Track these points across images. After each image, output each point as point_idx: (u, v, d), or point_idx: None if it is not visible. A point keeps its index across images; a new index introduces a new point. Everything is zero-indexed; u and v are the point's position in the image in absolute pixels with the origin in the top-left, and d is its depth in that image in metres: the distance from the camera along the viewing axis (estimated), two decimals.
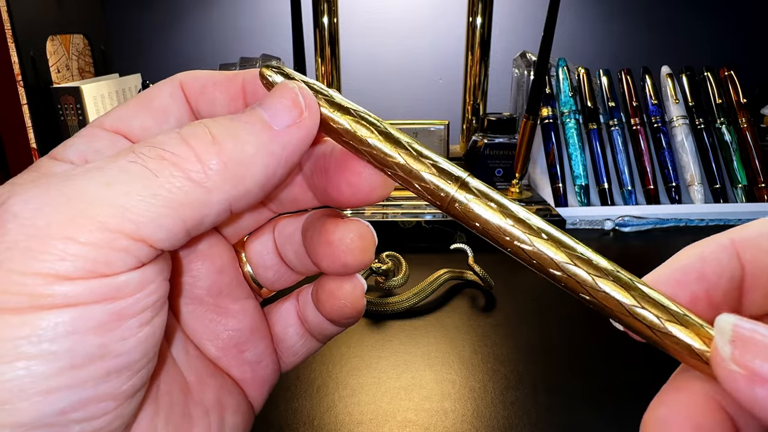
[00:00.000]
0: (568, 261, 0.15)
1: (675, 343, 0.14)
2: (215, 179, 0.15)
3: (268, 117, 0.16)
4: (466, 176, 0.16)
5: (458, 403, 0.33)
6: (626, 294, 0.15)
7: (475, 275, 0.46)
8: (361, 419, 0.32)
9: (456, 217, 0.16)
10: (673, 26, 0.93)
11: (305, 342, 0.22)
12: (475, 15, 0.70)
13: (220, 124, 0.15)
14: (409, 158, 0.17)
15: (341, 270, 0.19)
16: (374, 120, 0.17)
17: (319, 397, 0.34)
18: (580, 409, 0.33)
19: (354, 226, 0.19)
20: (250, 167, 0.15)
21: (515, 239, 0.16)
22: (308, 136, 0.16)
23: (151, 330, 0.15)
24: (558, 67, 0.70)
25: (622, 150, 0.68)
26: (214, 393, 0.20)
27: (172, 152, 0.15)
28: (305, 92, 0.16)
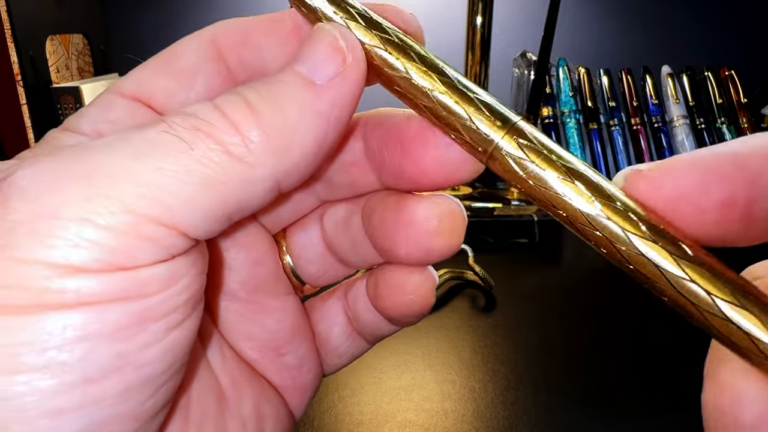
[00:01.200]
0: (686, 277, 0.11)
1: (732, 334, 0.11)
2: (258, 152, 0.12)
3: (307, 70, 0.13)
4: (518, 120, 0.13)
5: (458, 403, 0.33)
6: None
7: (475, 275, 0.46)
8: (361, 419, 0.32)
9: (503, 174, 0.14)
10: (673, 26, 0.93)
11: (352, 343, 0.19)
12: (475, 14, 0.70)
13: (254, 88, 0.13)
14: (442, 86, 0.14)
15: (423, 257, 0.16)
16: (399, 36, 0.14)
17: (319, 397, 0.34)
18: (580, 409, 0.33)
19: (443, 202, 0.16)
20: (297, 135, 0.13)
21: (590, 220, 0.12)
22: (357, 86, 0.14)
23: (180, 335, 0.13)
24: (558, 67, 0.70)
25: (622, 150, 0.68)
26: (252, 401, 0.17)
27: (207, 121, 0.12)
28: (343, 32, 0.14)
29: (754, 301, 0.11)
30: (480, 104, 0.14)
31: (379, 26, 0.14)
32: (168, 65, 0.15)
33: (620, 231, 0.12)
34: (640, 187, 0.12)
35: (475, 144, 0.14)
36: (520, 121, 0.13)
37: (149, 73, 0.15)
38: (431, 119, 0.14)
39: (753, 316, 0.11)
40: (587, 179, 0.12)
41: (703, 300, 0.11)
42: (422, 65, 0.14)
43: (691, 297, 0.11)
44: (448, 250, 0.16)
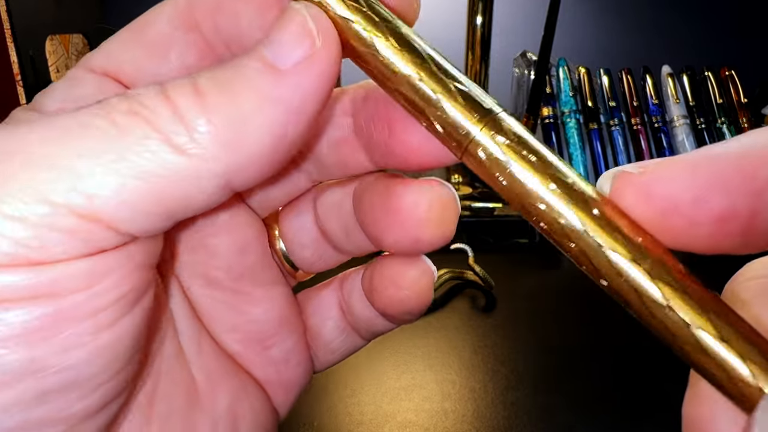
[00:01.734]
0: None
1: (717, 367, 0.10)
2: (204, 144, 0.11)
3: (271, 54, 0.12)
4: (499, 111, 0.12)
5: (458, 403, 0.33)
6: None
7: (475, 275, 0.46)
8: (361, 420, 0.32)
9: (479, 172, 0.12)
10: (673, 26, 0.93)
11: (346, 338, 0.18)
12: (475, 14, 0.70)
13: (210, 72, 0.12)
14: (419, 71, 0.12)
15: (410, 247, 0.15)
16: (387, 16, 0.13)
17: (319, 397, 0.34)
18: (580, 409, 0.33)
19: (432, 187, 0.14)
20: (251, 126, 0.11)
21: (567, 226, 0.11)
22: (326, 73, 0.12)
23: (117, 334, 0.11)
24: (558, 67, 0.70)
25: (622, 150, 0.67)
26: (228, 399, 0.16)
27: (147, 106, 0.11)
28: (316, 13, 0.12)
29: (734, 332, 0.10)
30: (457, 92, 0.12)
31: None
32: (139, 35, 0.14)
33: (599, 247, 0.11)
34: (627, 195, 0.10)
35: (449, 136, 0.12)
36: (502, 113, 0.12)
37: (118, 46, 0.14)
38: (402, 104, 0.13)
39: (732, 350, 0.10)
40: (571, 186, 0.11)
41: (681, 329, 0.10)
42: (395, 42, 0.12)
43: (669, 324, 0.10)
44: (438, 239, 0.15)
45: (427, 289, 0.16)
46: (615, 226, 0.11)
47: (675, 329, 0.10)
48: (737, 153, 0.10)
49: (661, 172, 0.10)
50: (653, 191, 0.10)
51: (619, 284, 0.10)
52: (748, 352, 0.10)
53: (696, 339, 0.10)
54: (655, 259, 0.10)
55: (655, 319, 0.10)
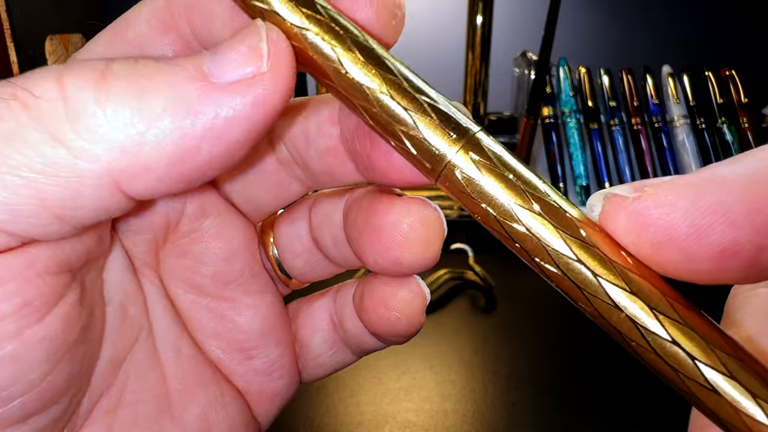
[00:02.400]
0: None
1: (721, 405, 0.09)
2: (90, 139, 0.10)
3: (210, 63, 0.11)
4: (477, 130, 0.11)
5: (459, 403, 0.33)
6: None
7: (476, 275, 0.46)
8: (361, 420, 0.32)
9: (451, 193, 0.11)
10: (674, 26, 0.93)
11: (335, 353, 0.17)
12: (476, 14, 0.69)
13: (135, 59, 0.11)
14: (387, 87, 0.11)
15: (391, 268, 0.14)
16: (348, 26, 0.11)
17: (319, 397, 0.34)
18: (580, 409, 0.33)
19: (415, 207, 0.14)
20: (154, 130, 0.10)
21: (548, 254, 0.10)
22: (265, 101, 0.11)
23: (25, 344, 0.11)
24: (559, 67, 0.70)
25: (623, 150, 0.67)
26: (200, 407, 0.16)
27: (30, 89, 0.10)
28: (276, 37, 0.11)
29: (742, 366, 0.09)
30: (429, 109, 0.11)
31: (311, 3, 0.12)
32: (120, 36, 0.14)
33: (594, 279, 0.10)
34: (618, 222, 0.10)
35: (422, 158, 0.11)
36: (479, 132, 0.11)
37: (101, 46, 0.14)
38: (369, 124, 0.12)
39: (741, 386, 0.09)
40: (559, 213, 0.10)
41: (686, 366, 0.09)
42: (359, 55, 0.11)
43: (671, 361, 0.09)
44: (420, 262, 0.14)
45: (419, 312, 0.15)
46: (603, 254, 0.10)
47: (678, 367, 0.09)
48: (743, 180, 0.09)
49: (658, 198, 0.09)
50: (648, 220, 0.09)
51: (605, 310, 0.10)
52: (758, 388, 0.09)
53: (703, 377, 0.09)
54: (648, 289, 0.10)
55: (654, 355, 0.10)
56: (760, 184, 0.09)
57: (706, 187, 0.09)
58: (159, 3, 0.14)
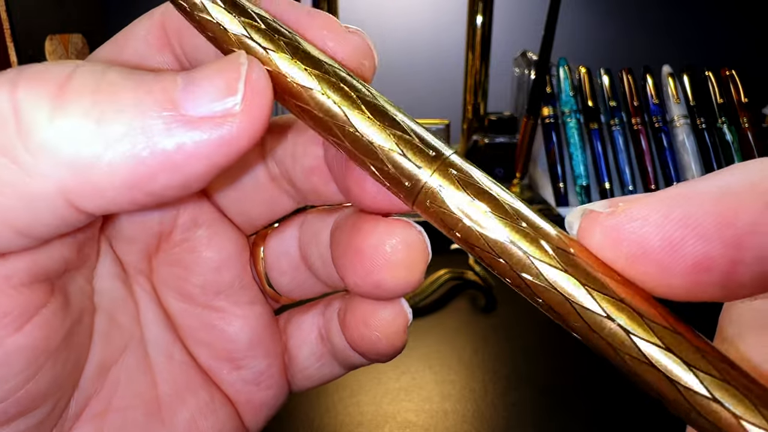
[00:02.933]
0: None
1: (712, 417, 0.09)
2: (40, 151, 0.09)
3: (182, 91, 0.10)
4: (450, 153, 0.11)
5: (459, 404, 0.33)
6: None
7: (476, 275, 0.46)
8: (361, 420, 0.32)
9: (430, 218, 0.11)
10: (674, 26, 0.93)
11: (323, 366, 0.17)
12: (476, 14, 0.69)
13: (99, 74, 0.10)
14: (356, 113, 0.11)
15: (373, 291, 0.14)
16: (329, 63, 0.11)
17: (319, 397, 0.34)
18: (580, 409, 0.33)
19: (399, 229, 0.13)
20: (108, 156, 0.09)
21: (520, 264, 0.10)
22: (233, 141, 0.10)
23: (2, 354, 0.11)
24: (559, 67, 0.70)
25: (623, 150, 0.67)
26: (190, 413, 0.16)
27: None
28: (256, 75, 0.10)
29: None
30: (407, 133, 0.11)
31: (280, 30, 0.11)
32: (119, 52, 0.14)
33: (581, 291, 0.10)
34: (595, 238, 0.10)
35: (397, 183, 0.11)
36: (452, 155, 0.11)
37: (102, 60, 0.14)
38: (346, 148, 0.11)
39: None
40: (537, 230, 0.10)
41: (624, 341, 0.09)
42: (337, 81, 0.11)
43: (608, 338, 0.09)
44: (402, 286, 0.13)
45: (400, 332, 0.15)
46: (588, 272, 0.10)
47: (615, 343, 0.09)
48: (713, 194, 0.09)
49: (630, 212, 0.09)
50: (621, 234, 0.09)
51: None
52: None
53: (638, 350, 0.09)
54: (634, 309, 0.09)
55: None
56: (729, 198, 0.08)
57: (677, 201, 0.09)
58: (155, 21, 0.13)
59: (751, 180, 0.08)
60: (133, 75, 0.10)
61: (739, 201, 0.08)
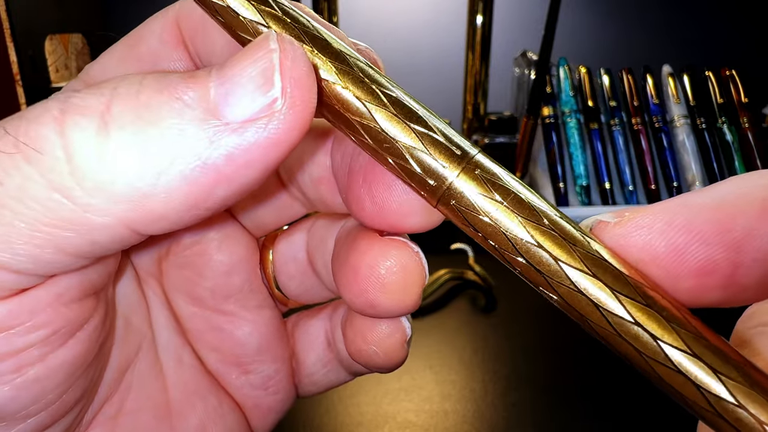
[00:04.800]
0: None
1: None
2: (96, 192, 0.09)
3: (218, 96, 0.10)
4: (476, 153, 0.11)
5: (459, 404, 0.33)
6: None
7: (476, 275, 0.46)
8: (361, 420, 0.32)
9: (454, 218, 0.11)
10: (674, 26, 0.93)
11: (330, 372, 0.17)
12: (476, 14, 0.69)
13: (133, 96, 0.10)
14: (380, 111, 0.10)
15: (368, 310, 0.13)
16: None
17: (319, 397, 0.34)
18: (580, 409, 0.33)
19: (395, 250, 0.13)
20: (161, 184, 0.09)
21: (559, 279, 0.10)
22: (281, 141, 0.10)
23: (49, 368, 0.11)
24: (559, 67, 0.70)
25: (623, 150, 0.67)
26: (200, 417, 0.16)
27: (33, 142, 0.09)
28: (290, 53, 0.10)
29: (705, 345, 0.09)
30: (428, 132, 0.10)
31: (303, 23, 0.11)
32: (132, 50, 0.13)
33: (611, 300, 0.09)
34: (605, 244, 0.10)
35: (421, 182, 0.11)
36: (478, 155, 0.11)
37: (113, 60, 0.14)
38: (367, 144, 0.11)
39: (703, 363, 0.09)
40: (561, 229, 0.10)
41: (649, 346, 0.09)
42: (360, 72, 0.11)
43: (634, 342, 0.09)
44: (396, 308, 0.13)
45: (398, 347, 0.14)
46: (616, 275, 0.10)
47: (642, 348, 0.09)
48: (713, 203, 0.09)
49: (636, 221, 0.10)
50: (629, 241, 0.10)
51: (621, 344, 0.10)
52: (719, 365, 0.09)
53: (665, 356, 0.09)
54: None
55: (618, 337, 0.10)
56: (727, 206, 0.09)
57: (679, 209, 0.09)
58: (170, 19, 0.13)
59: (746, 189, 0.09)
60: (167, 87, 0.10)
61: (735, 208, 0.09)
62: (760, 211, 0.09)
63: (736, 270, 0.09)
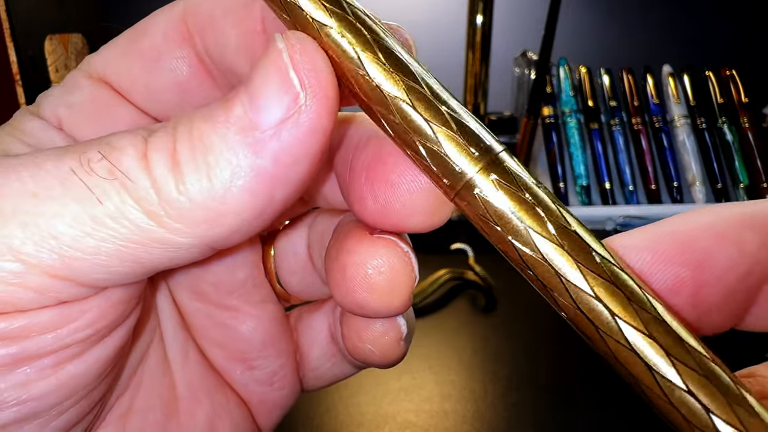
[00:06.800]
0: None
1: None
2: (179, 219, 0.11)
3: (250, 111, 0.10)
4: (500, 150, 0.10)
5: (459, 404, 0.33)
6: None
7: (476, 275, 0.46)
8: (361, 420, 0.32)
9: (470, 215, 0.11)
10: (674, 25, 0.93)
11: (334, 365, 0.17)
12: (476, 14, 0.69)
13: (189, 130, 0.11)
14: (399, 93, 0.10)
15: (356, 310, 0.13)
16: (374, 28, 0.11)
17: (319, 397, 0.34)
18: (580, 409, 0.33)
19: (383, 250, 0.13)
20: (228, 203, 0.11)
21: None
22: (318, 128, 0.10)
23: (85, 364, 0.12)
24: (559, 66, 0.70)
25: (623, 150, 0.67)
26: (207, 413, 0.16)
27: (125, 172, 0.10)
28: (302, 50, 0.10)
29: (663, 327, 0.09)
30: (454, 123, 0.10)
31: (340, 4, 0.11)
32: (134, 45, 0.14)
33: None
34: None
35: (440, 175, 0.11)
36: (503, 152, 0.10)
37: (115, 53, 0.14)
38: (388, 132, 0.11)
39: (658, 346, 0.09)
40: (579, 243, 0.10)
41: (609, 325, 0.09)
42: (385, 60, 0.11)
43: (593, 317, 0.09)
44: (385, 309, 0.13)
45: (393, 345, 0.14)
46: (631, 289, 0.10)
47: (600, 325, 0.10)
48: (677, 228, 0.10)
49: (612, 247, 0.10)
50: None
51: (620, 349, 0.10)
52: (673, 348, 0.09)
53: (622, 335, 0.09)
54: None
55: (577, 311, 0.10)
56: (687, 229, 0.10)
57: (648, 235, 0.10)
58: (176, 14, 0.13)
59: (706, 218, 0.10)
60: (209, 117, 0.11)
61: (697, 230, 0.10)
62: (716, 236, 0.10)
63: (700, 289, 0.10)
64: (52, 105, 0.14)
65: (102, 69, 0.14)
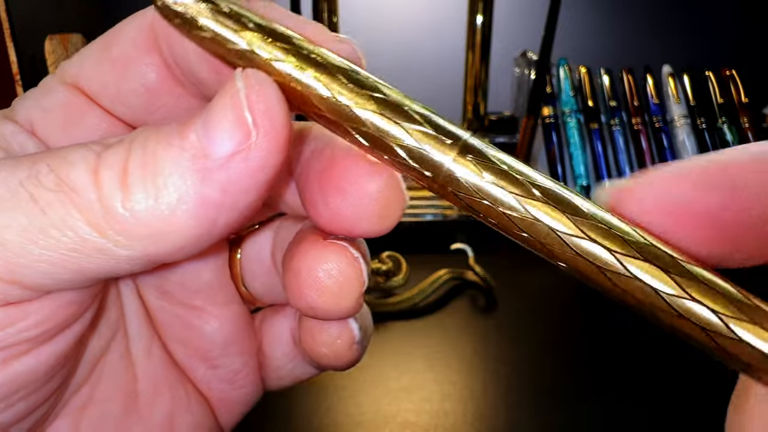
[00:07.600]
0: None
1: (742, 352, 0.10)
2: (122, 232, 0.11)
3: (203, 140, 0.11)
4: (468, 135, 0.11)
5: (459, 404, 0.33)
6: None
7: (476, 275, 0.46)
8: (361, 420, 0.32)
9: (457, 203, 0.12)
10: (674, 25, 0.93)
11: (295, 367, 0.18)
12: (476, 14, 0.69)
13: (143, 147, 0.11)
14: (370, 103, 0.11)
15: (308, 312, 0.14)
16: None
17: (319, 397, 0.34)
18: (581, 409, 0.33)
19: (333, 255, 0.13)
20: (172, 223, 0.11)
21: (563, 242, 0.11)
22: (266, 164, 0.11)
23: (35, 361, 0.12)
24: (559, 67, 0.70)
25: (623, 150, 0.67)
26: (167, 409, 0.16)
27: (72, 184, 0.11)
28: (258, 88, 0.11)
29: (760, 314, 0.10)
30: (424, 120, 0.11)
31: (281, 35, 0.12)
32: (105, 52, 0.14)
33: (607, 254, 0.10)
34: (622, 202, 0.11)
35: (419, 169, 0.11)
36: (471, 138, 0.11)
37: (88, 59, 0.14)
38: (361, 144, 0.12)
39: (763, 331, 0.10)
40: (563, 199, 0.11)
41: (708, 322, 0.10)
42: (344, 78, 0.12)
43: (695, 319, 0.10)
44: (335, 311, 0.13)
45: (346, 348, 0.15)
46: (620, 229, 0.11)
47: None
48: (715, 156, 0.11)
49: (647, 179, 0.11)
50: (643, 195, 0.11)
51: (634, 287, 0.10)
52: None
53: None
54: (665, 255, 0.10)
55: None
56: (727, 157, 0.10)
57: (683, 165, 0.11)
58: (145, 22, 0.14)
59: (743, 149, 0.10)
60: (165, 138, 0.11)
61: (733, 158, 0.10)
62: (749, 160, 0.10)
63: (740, 213, 0.10)
64: (26, 108, 0.14)
65: (75, 75, 0.14)
